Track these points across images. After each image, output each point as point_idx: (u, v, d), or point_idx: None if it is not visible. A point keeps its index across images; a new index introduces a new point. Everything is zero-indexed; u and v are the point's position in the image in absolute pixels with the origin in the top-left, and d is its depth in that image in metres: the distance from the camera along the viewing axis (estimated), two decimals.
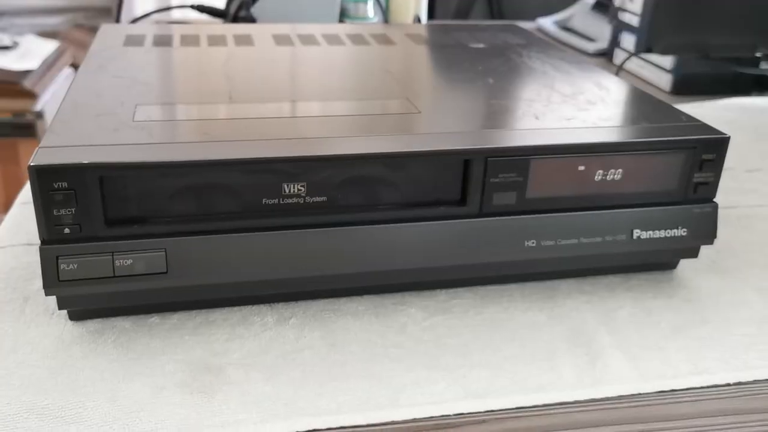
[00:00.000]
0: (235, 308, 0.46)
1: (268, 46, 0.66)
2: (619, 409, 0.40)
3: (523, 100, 0.52)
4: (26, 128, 1.67)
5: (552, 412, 0.39)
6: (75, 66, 2.00)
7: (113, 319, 0.45)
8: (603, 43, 1.15)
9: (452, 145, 0.44)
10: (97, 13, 2.45)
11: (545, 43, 0.71)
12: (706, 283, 0.51)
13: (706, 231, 0.49)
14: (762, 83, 0.96)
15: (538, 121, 0.48)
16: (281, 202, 0.43)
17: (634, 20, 1.00)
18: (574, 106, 0.51)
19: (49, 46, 1.98)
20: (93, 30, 2.15)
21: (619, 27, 1.06)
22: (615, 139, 0.46)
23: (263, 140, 0.43)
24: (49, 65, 1.86)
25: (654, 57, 0.99)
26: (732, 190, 0.66)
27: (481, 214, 0.45)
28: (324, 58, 0.63)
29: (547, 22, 1.32)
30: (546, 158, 0.45)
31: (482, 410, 0.39)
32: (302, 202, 0.43)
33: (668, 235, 0.48)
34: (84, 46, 2.19)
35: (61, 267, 0.40)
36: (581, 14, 1.28)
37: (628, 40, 1.03)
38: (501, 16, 1.82)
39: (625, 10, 1.03)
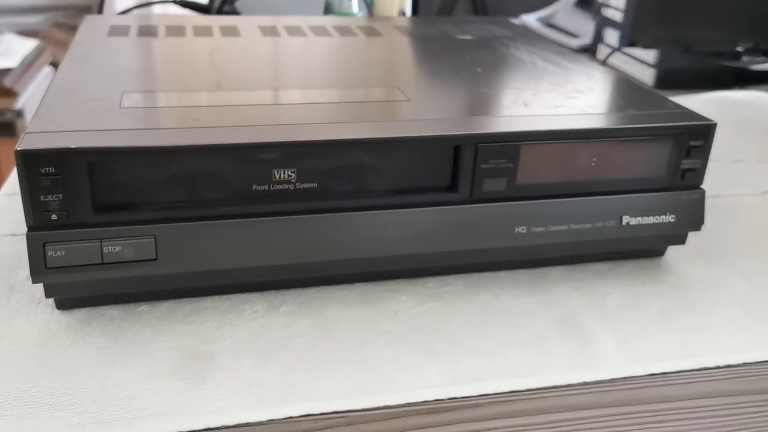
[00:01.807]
0: (225, 296, 0.46)
1: (255, 37, 0.65)
2: (612, 392, 0.40)
3: (512, 88, 0.53)
4: (6, 127, 1.65)
5: (546, 395, 0.39)
6: (55, 65, 1.98)
7: (101, 307, 0.44)
8: (586, 39, 1.15)
9: (443, 130, 0.44)
10: (77, 12, 2.43)
11: (532, 35, 0.72)
12: (693, 270, 0.51)
13: (693, 218, 0.49)
14: (743, 77, 0.97)
15: (527, 108, 0.48)
16: (271, 188, 0.42)
17: (617, 16, 1.01)
18: (562, 94, 0.52)
19: (29, 44, 1.96)
20: (73, 29, 2.13)
21: (603, 23, 1.07)
22: (604, 126, 0.46)
23: (253, 126, 0.42)
24: (29, 64, 1.84)
25: (637, 52, 1.00)
26: (717, 180, 0.66)
27: (471, 201, 0.45)
28: (311, 49, 0.62)
29: (530, 19, 1.32)
30: (536, 144, 0.45)
31: (476, 394, 0.39)
32: (292, 188, 0.43)
33: (657, 222, 0.48)
34: (64, 45, 2.17)
35: (49, 254, 0.39)
36: (564, 11, 1.29)
37: (612, 36, 1.04)
38: (485, 13, 1.82)
39: (608, 6, 1.04)
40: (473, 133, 0.44)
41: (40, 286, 0.45)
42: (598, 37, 1.09)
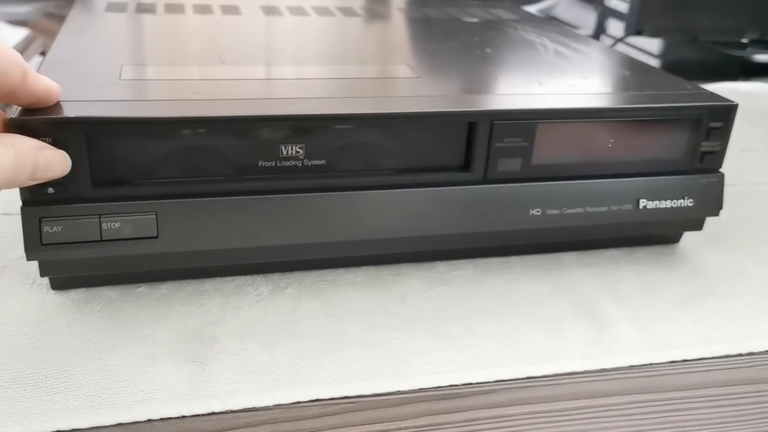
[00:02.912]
0: (228, 278, 0.44)
1: (257, 15, 0.63)
2: (631, 379, 0.38)
3: (524, 68, 0.51)
4: None
5: (562, 381, 0.38)
6: (45, 54, 1.95)
7: (98, 288, 0.42)
8: (588, 30, 1.14)
9: (457, 107, 0.42)
10: (67, 2, 2.40)
11: (539, 18, 0.70)
12: (709, 257, 0.50)
13: (712, 202, 0.48)
14: (748, 68, 0.96)
15: (542, 87, 0.47)
16: (278, 164, 0.41)
17: (621, 6, 1.00)
18: (576, 74, 0.50)
19: (19, 33, 1.93)
20: (63, 18, 2.11)
21: (605, 13, 1.06)
22: (623, 105, 0.44)
23: (260, 99, 0.41)
24: (19, 53, 1.81)
25: (641, 42, 0.99)
26: (729, 169, 0.65)
27: (485, 181, 0.44)
28: (316, 28, 0.61)
29: (530, 10, 1.31)
30: (552, 122, 0.43)
31: (491, 380, 0.38)
32: (300, 164, 0.41)
33: (674, 206, 0.47)
34: (54, 35, 2.14)
35: (44, 230, 0.37)
36: (565, 2, 1.27)
37: (615, 26, 1.03)
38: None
39: None
40: (488, 110, 0.42)
41: (34, 266, 0.42)
42: (600, 28, 1.08)
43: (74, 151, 0.37)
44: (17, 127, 0.35)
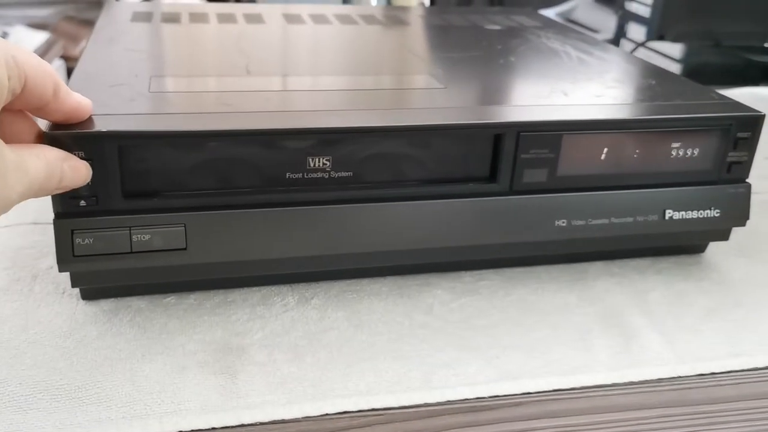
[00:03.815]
0: (254, 288, 0.44)
1: (280, 24, 0.64)
2: (660, 392, 0.38)
3: (549, 77, 0.51)
4: None
5: (591, 394, 0.38)
6: (65, 58, 1.97)
7: (127, 298, 0.43)
8: (607, 34, 1.14)
9: (483, 118, 0.42)
10: (88, 5, 2.41)
11: (562, 26, 0.70)
12: (736, 267, 0.50)
13: (739, 212, 0.47)
14: None
15: (567, 97, 0.47)
16: (306, 176, 0.41)
17: (641, 9, 0.99)
18: (601, 84, 0.50)
19: (39, 37, 1.95)
20: (83, 22, 2.12)
21: (626, 17, 1.05)
22: (649, 116, 0.44)
23: (288, 111, 0.41)
24: (40, 57, 1.83)
25: (663, 47, 0.98)
26: (752, 177, 0.64)
27: (511, 192, 0.44)
28: (340, 37, 0.61)
29: (549, 14, 1.30)
30: (578, 134, 0.43)
31: (518, 392, 0.38)
32: (327, 176, 0.41)
33: (701, 216, 0.46)
34: (74, 38, 2.16)
35: (76, 242, 0.38)
36: (584, 5, 1.27)
37: (635, 30, 1.02)
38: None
39: (632, 0, 1.02)
40: (515, 122, 0.42)
41: (64, 276, 0.43)
42: (620, 32, 1.08)
43: (106, 164, 0.37)
44: (51, 140, 0.36)
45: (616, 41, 1.08)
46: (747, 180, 0.47)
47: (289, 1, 0.97)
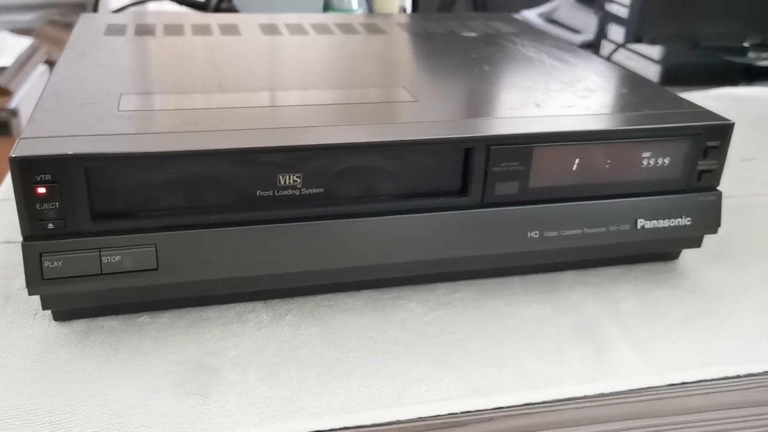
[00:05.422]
0: (229, 306, 0.44)
1: (256, 35, 0.64)
2: (630, 404, 0.38)
3: (522, 87, 0.51)
4: (1, 126, 1.63)
5: (561, 408, 0.38)
6: (49, 63, 1.96)
7: (100, 318, 0.43)
8: (588, 35, 1.14)
9: (453, 133, 0.42)
10: (72, 9, 2.40)
11: (538, 32, 0.70)
12: (709, 274, 0.50)
13: (710, 220, 0.48)
14: (750, 73, 0.96)
15: (539, 108, 0.47)
16: (276, 194, 0.41)
17: (621, 11, 0.99)
18: (573, 93, 0.50)
19: (23, 42, 1.94)
20: (67, 26, 2.11)
21: (606, 18, 1.05)
22: (619, 126, 0.44)
23: (257, 129, 0.41)
24: (23, 62, 1.82)
25: (642, 48, 0.99)
26: (729, 180, 0.65)
27: (482, 205, 0.44)
28: (314, 47, 0.61)
29: (531, 15, 1.30)
30: (549, 146, 0.43)
31: (490, 407, 0.38)
32: (298, 193, 0.41)
33: (672, 225, 0.47)
34: (58, 43, 2.14)
35: (45, 265, 0.38)
36: (566, 6, 1.27)
37: (615, 32, 1.02)
38: (485, 9, 1.81)
39: (612, 1, 1.02)
40: (485, 135, 0.42)
41: (37, 297, 0.43)
42: (601, 33, 1.08)
43: (73, 187, 0.37)
44: (17, 164, 0.36)
45: (597, 42, 1.08)
46: (718, 188, 0.48)
47: (272, 7, 0.96)
